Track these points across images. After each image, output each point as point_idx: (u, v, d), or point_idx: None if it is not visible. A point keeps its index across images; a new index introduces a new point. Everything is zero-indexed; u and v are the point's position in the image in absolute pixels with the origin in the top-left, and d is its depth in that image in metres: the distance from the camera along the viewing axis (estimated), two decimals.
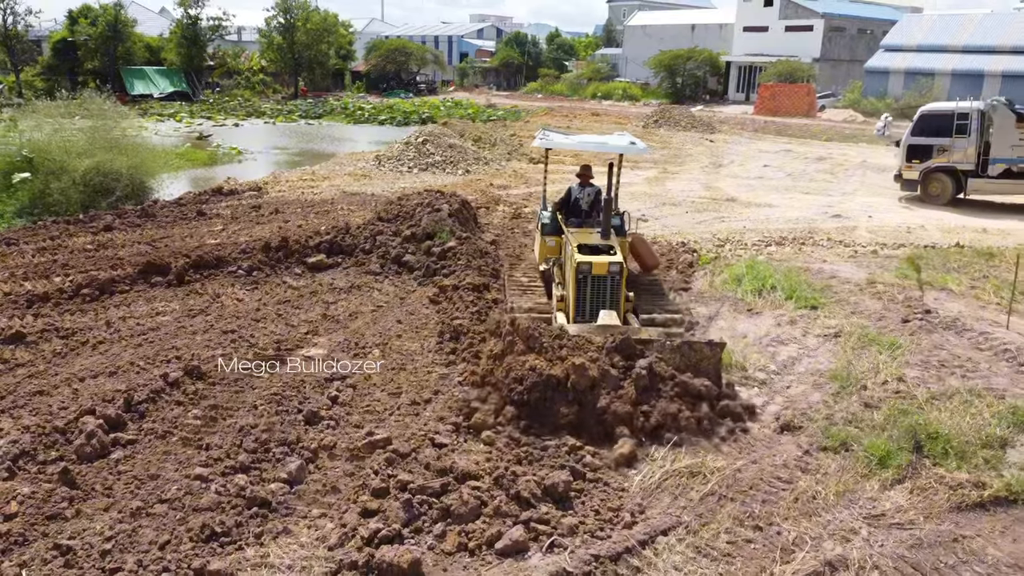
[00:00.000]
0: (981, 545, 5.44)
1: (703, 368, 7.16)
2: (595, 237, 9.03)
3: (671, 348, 7.18)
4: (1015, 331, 8.88)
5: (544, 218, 10.24)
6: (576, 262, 8.27)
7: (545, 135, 10.58)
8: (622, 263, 8.38)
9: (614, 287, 8.30)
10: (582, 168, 10.46)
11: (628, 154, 10.62)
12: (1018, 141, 17.11)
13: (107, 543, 5.11)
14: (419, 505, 5.59)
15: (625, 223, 10.16)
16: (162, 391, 7.25)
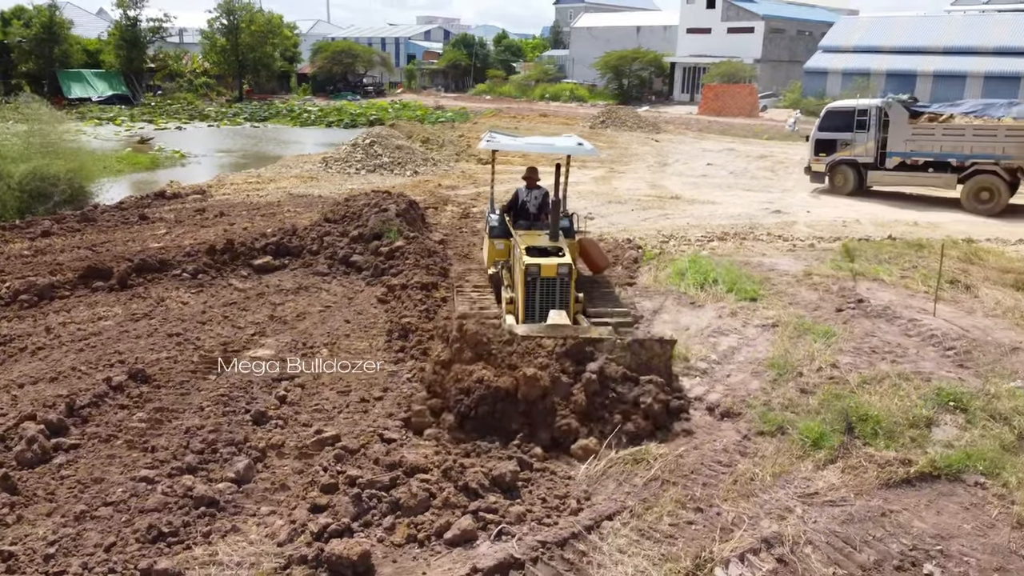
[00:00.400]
0: (907, 519, 5.72)
1: (654, 365, 7.15)
2: (544, 239, 8.96)
3: (621, 346, 7.13)
4: (941, 318, 9.29)
5: (492, 221, 10.10)
6: (524, 264, 8.20)
7: (492, 136, 10.45)
8: (571, 265, 8.34)
9: (563, 289, 8.24)
10: (528, 170, 10.37)
11: (575, 155, 10.40)
12: (911, 136, 18.25)
13: (50, 547, 5.06)
14: (368, 499, 5.65)
15: (574, 224, 10.09)
16: (105, 395, 7.16)
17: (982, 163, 17.30)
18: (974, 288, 10.28)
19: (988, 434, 6.73)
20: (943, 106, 19.41)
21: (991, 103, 18.87)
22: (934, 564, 5.23)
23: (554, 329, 7.34)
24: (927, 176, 18.30)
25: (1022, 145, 16.81)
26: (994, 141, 17.20)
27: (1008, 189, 17.19)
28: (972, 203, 17.55)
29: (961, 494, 6.05)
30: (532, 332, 7.23)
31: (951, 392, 7.31)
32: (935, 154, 18.01)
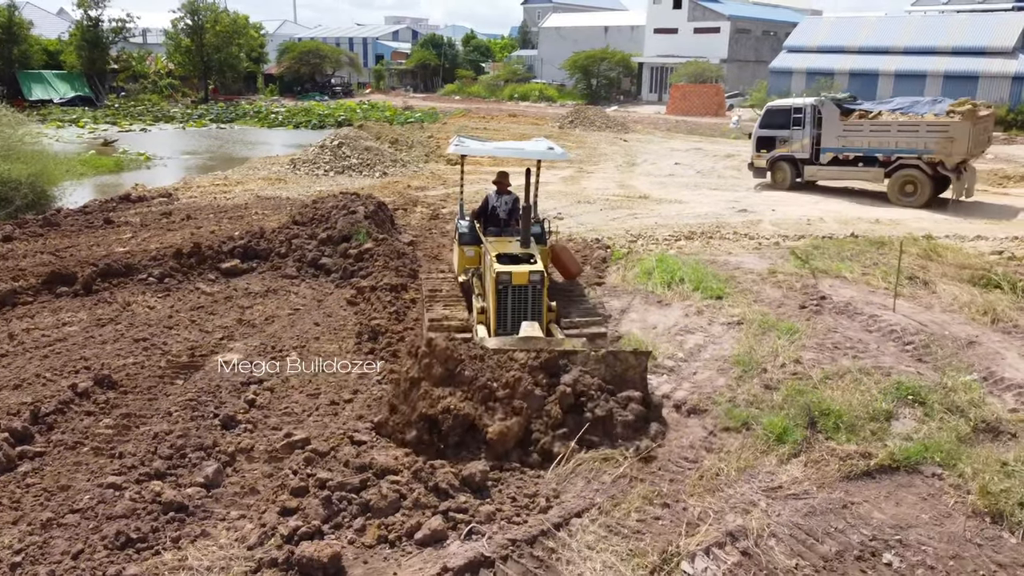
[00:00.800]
0: (868, 510, 5.87)
1: (629, 377, 7.00)
2: (515, 246, 8.72)
3: (596, 359, 6.97)
4: (900, 313, 9.51)
5: (462, 227, 9.86)
6: (495, 272, 7.95)
7: (460, 141, 10.12)
8: (543, 272, 8.09)
9: (535, 297, 7.99)
10: (498, 175, 10.13)
11: (546, 160, 10.12)
12: (842, 133, 19.15)
13: (16, 556, 5.03)
14: (338, 501, 5.67)
15: (545, 231, 9.88)
16: (71, 402, 7.11)
17: (906, 158, 18.13)
18: (932, 284, 10.53)
19: (945, 426, 6.91)
20: (874, 104, 20.37)
21: (918, 100, 19.82)
22: (893, 554, 5.38)
23: (527, 342, 7.13)
24: (857, 170, 19.17)
25: (941, 140, 17.55)
26: (916, 137, 17.97)
27: (930, 182, 17.94)
28: (897, 196, 18.41)
29: (919, 485, 6.22)
30: (504, 346, 7.02)
31: (910, 386, 7.49)
32: (864, 149, 18.91)
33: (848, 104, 19.92)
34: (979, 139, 18.29)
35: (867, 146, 18.83)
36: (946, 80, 45.89)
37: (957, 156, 17.44)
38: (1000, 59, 44.37)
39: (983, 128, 18.68)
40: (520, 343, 7.12)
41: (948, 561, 5.32)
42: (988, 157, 29.14)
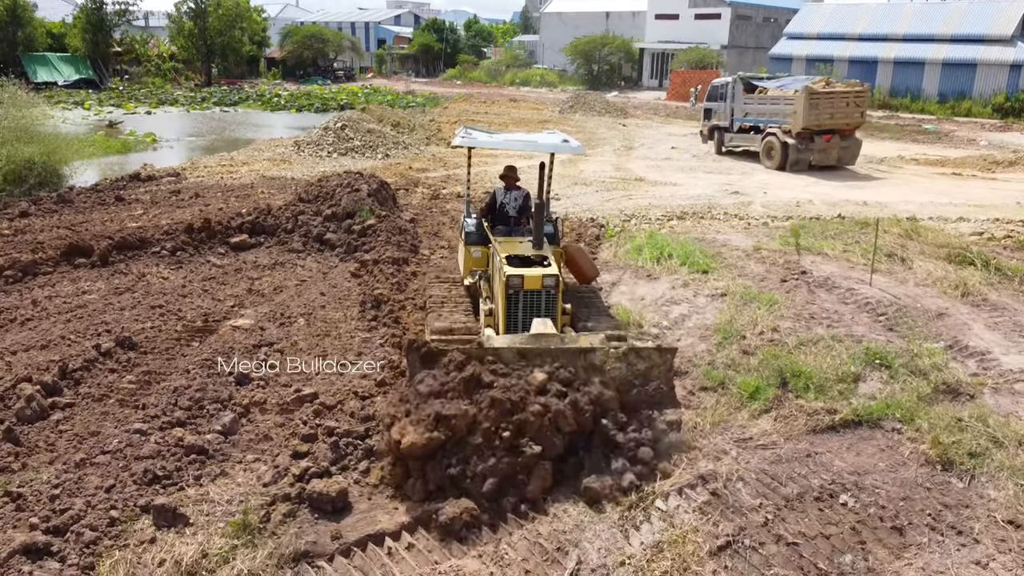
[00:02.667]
0: (829, 459, 6.41)
1: (652, 376, 6.41)
2: (526, 247, 7.99)
3: (615, 357, 6.34)
4: (876, 287, 10.02)
5: (468, 226, 9.08)
6: (506, 275, 7.27)
7: (467, 132, 9.01)
8: (558, 276, 7.43)
9: (549, 302, 7.35)
10: (507, 169, 9.18)
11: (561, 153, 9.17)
12: (743, 106, 23.19)
13: (55, 489, 5.56)
14: (345, 447, 6.21)
15: (558, 230, 9.12)
16: (95, 360, 7.64)
17: (770, 127, 21.84)
18: (909, 261, 11.03)
19: (907, 387, 7.43)
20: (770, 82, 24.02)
21: (798, 79, 23.71)
22: (849, 495, 5.92)
23: (538, 339, 6.46)
24: (750, 137, 22.97)
25: (790, 113, 20.99)
26: (778, 109, 21.60)
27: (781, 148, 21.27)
28: (764, 159, 22.09)
29: (879, 438, 6.76)
30: (514, 344, 6.38)
31: (877, 352, 8.01)
32: (752, 120, 22.86)
33: (755, 81, 23.87)
34: (833, 113, 20.95)
35: (755, 117, 22.76)
36: (944, 67, 46.22)
37: (797, 126, 20.74)
38: (998, 47, 44.63)
39: (836, 103, 21.02)
40: (532, 341, 6.43)
41: (899, 502, 5.86)
42: (982, 144, 29.64)
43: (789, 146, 20.98)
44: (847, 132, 21.45)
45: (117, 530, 5.18)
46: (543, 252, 7.90)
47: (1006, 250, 12.50)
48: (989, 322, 9.16)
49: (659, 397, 6.40)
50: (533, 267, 7.57)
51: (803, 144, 20.83)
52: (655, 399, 6.37)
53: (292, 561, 5.03)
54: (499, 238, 8.41)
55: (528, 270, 7.43)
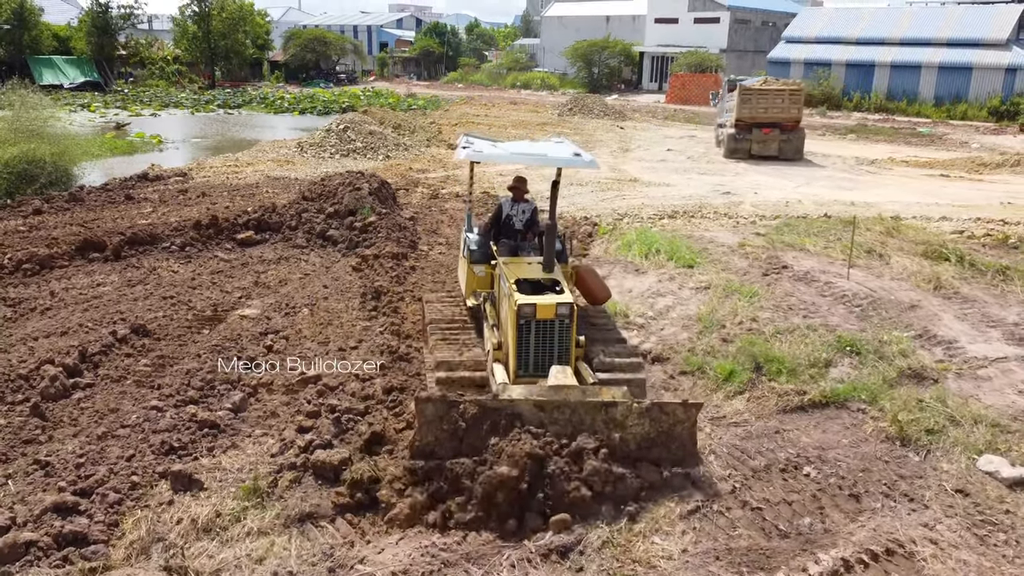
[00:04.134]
0: (796, 435, 6.90)
1: (676, 433, 6.07)
2: (536, 269, 7.44)
3: (638, 412, 5.99)
4: (854, 281, 10.51)
5: (471, 243, 8.44)
6: (517, 304, 6.72)
7: (469, 143, 8.10)
8: (572, 304, 6.88)
9: (563, 333, 6.83)
10: (516, 181, 8.51)
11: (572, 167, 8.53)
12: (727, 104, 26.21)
13: (80, 458, 6.06)
14: (346, 422, 6.70)
15: (566, 248, 8.54)
16: (112, 346, 8.15)
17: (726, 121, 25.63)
18: (887, 257, 11.52)
19: (875, 372, 7.92)
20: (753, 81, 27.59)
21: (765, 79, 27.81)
22: (812, 467, 6.40)
23: (558, 391, 6.13)
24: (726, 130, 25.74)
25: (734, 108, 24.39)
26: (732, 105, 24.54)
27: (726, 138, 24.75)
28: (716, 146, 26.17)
29: (844, 417, 7.25)
30: (531, 396, 6.04)
31: (848, 339, 8.50)
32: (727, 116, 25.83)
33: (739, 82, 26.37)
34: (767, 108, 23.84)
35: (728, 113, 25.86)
36: (940, 71, 46.71)
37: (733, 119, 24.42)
38: (994, 51, 45.12)
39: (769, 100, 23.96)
40: (551, 393, 6.12)
41: (858, 473, 6.34)
42: (974, 146, 30.11)
43: (728, 136, 24.52)
44: (789, 127, 24.07)
45: (138, 493, 5.68)
46: (554, 276, 7.35)
47: (984, 247, 12.98)
48: (959, 313, 9.65)
49: (681, 455, 6.08)
50: (545, 293, 7.04)
51: (740, 135, 24.18)
52: (676, 456, 6.06)
53: (298, 521, 5.52)
54: (505, 258, 7.81)
55: (540, 298, 6.87)
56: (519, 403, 5.97)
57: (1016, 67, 43.92)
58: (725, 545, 5.40)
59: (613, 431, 5.96)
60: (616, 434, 5.93)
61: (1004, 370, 8.27)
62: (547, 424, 5.95)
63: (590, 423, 6.00)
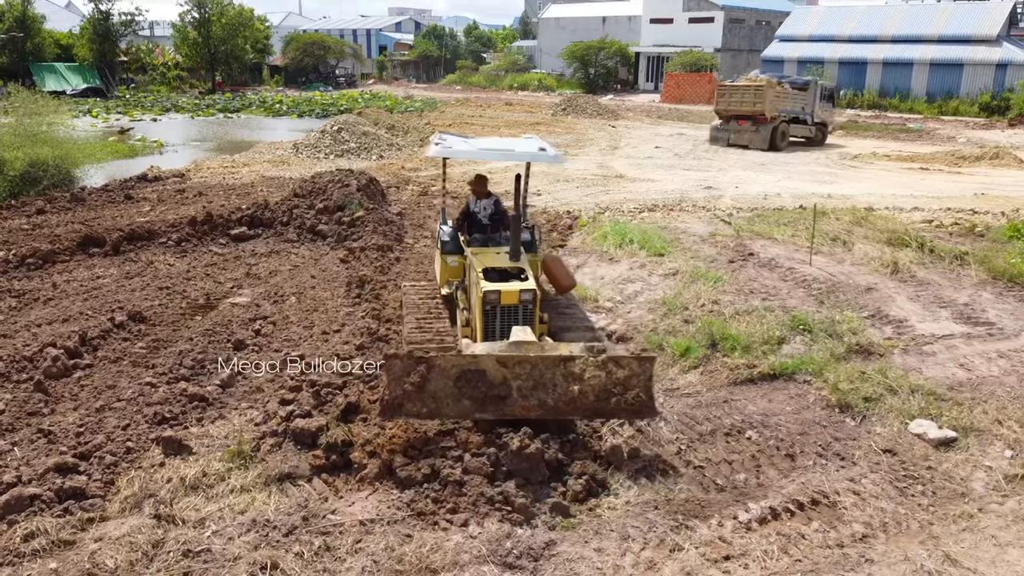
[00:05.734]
0: (743, 404, 7.44)
1: (631, 385, 6.43)
2: (503, 258, 7.90)
3: (595, 365, 6.39)
4: (816, 267, 11.04)
5: (444, 235, 9.03)
6: (483, 291, 7.23)
7: (442, 139, 8.99)
8: (535, 290, 7.38)
9: (527, 317, 7.36)
10: (475, 179, 9.23)
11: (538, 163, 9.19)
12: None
13: (80, 428, 6.61)
14: (325, 395, 7.25)
15: (536, 238, 8.98)
16: (111, 331, 8.71)
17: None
18: (850, 244, 12.04)
19: (824, 348, 8.45)
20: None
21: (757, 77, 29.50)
22: (754, 431, 6.94)
23: (518, 347, 6.48)
24: None
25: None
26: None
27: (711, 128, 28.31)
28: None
29: (791, 388, 7.78)
30: (493, 351, 6.42)
31: (802, 319, 9.03)
32: None
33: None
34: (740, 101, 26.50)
35: None
36: (932, 68, 47.21)
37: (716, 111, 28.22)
38: (984, 47, 45.62)
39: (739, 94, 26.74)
40: (511, 348, 6.47)
41: (796, 436, 6.87)
42: (960, 141, 30.60)
43: (712, 126, 28.19)
44: (761, 120, 26.29)
45: (133, 456, 6.24)
46: (520, 264, 7.80)
47: (952, 236, 13.48)
48: (912, 295, 10.17)
49: (638, 405, 6.45)
50: (510, 280, 7.51)
51: (721, 125, 27.64)
52: (633, 407, 6.46)
53: (277, 480, 6.06)
54: (475, 248, 8.36)
55: (505, 285, 7.35)
56: (482, 359, 6.30)
57: (1006, 63, 44.42)
58: (665, 497, 5.94)
59: (572, 384, 6.34)
60: (575, 387, 6.32)
61: (948, 346, 8.79)
62: (510, 379, 6.30)
63: (550, 377, 6.35)
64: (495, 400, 6.31)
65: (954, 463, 6.41)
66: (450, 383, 6.26)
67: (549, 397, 6.37)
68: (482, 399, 6.30)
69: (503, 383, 6.32)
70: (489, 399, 6.31)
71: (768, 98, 26.00)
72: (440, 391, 6.26)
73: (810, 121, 28.40)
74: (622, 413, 6.47)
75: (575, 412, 6.43)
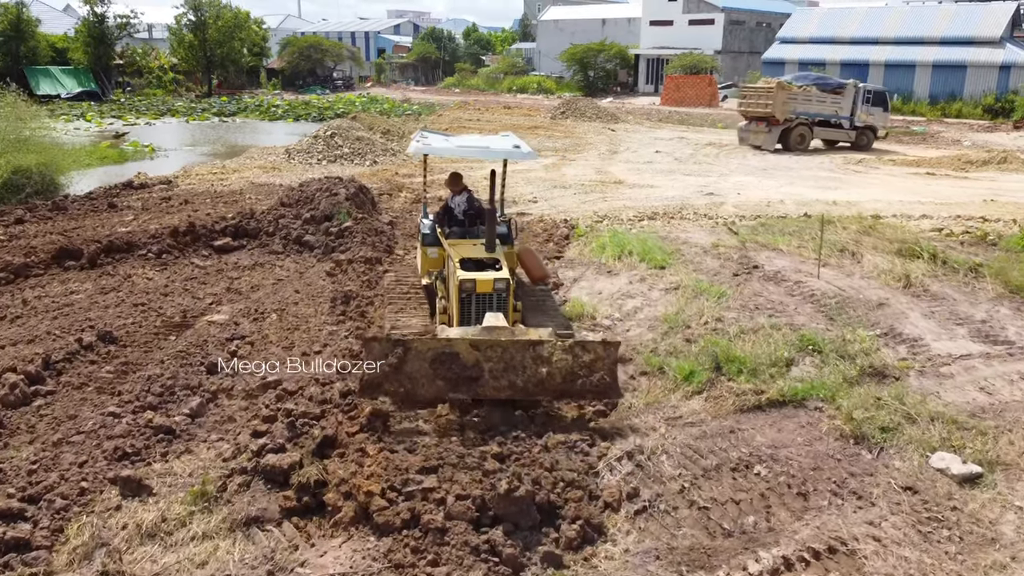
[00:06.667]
0: (751, 434, 6.92)
1: (597, 367, 6.79)
2: (480, 249, 8.37)
3: (562, 348, 6.76)
4: (824, 280, 10.53)
5: (424, 228, 9.45)
6: (459, 280, 7.66)
7: (423, 137, 9.61)
8: (508, 279, 7.85)
9: (501, 305, 7.76)
10: (450, 177, 9.85)
11: (513, 159, 9.64)
12: None
13: (32, 465, 6.09)
14: (301, 426, 6.73)
15: (512, 231, 9.52)
16: (77, 353, 8.19)
17: None
18: (859, 255, 11.54)
19: (835, 370, 7.94)
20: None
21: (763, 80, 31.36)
22: (763, 466, 6.42)
23: (490, 332, 6.85)
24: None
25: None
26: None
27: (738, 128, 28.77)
28: None
29: (801, 416, 7.26)
30: (467, 335, 6.78)
31: (811, 338, 8.52)
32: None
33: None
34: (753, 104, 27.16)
35: None
36: (935, 69, 46.75)
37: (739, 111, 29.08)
38: (987, 48, 45.17)
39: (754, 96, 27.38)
40: (484, 333, 6.83)
41: (809, 471, 6.36)
42: (966, 144, 30.11)
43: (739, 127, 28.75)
44: (774, 122, 26.57)
45: (86, 499, 5.71)
46: (495, 255, 8.27)
47: (963, 245, 12.99)
48: (926, 311, 9.67)
49: (603, 387, 6.83)
50: (485, 270, 7.97)
51: (745, 126, 27.96)
52: (599, 389, 6.82)
53: (243, 525, 5.55)
54: (453, 240, 8.82)
55: (480, 274, 7.80)
56: (456, 342, 6.71)
57: (1010, 64, 43.96)
58: (667, 544, 5.43)
59: (540, 367, 6.74)
60: (543, 369, 6.73)
61: (967, 367, 8.30)
62: (482, 362, 6.70)
63: (520, 360, 6.75)
64: (468, 381, 6.70)
65: (981, 503, 5.90)
66: (426, 365, 6.69)
67: (519, 379, 6.76)
68: (456, 380, 6.68)
69: (476, 365, 6.72)
70: (462, 380, 6.69)
71: (778, 100, 25.92)
72: (416, 372, 6.69)
73: (847, 125, 27.59)
74: (588, 395, 6.87)
75: (543, 393, 6.83)
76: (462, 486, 5.70)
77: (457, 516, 5.42)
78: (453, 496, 5.58)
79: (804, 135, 27.13)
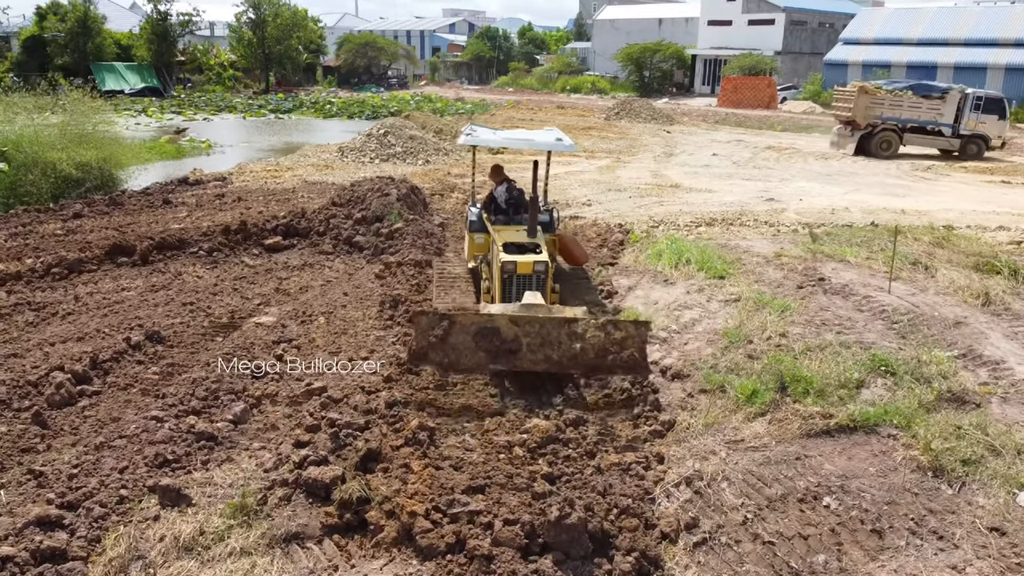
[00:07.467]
0: (819, 462, 6.46)
1: (627, 346, 7.20)
2: (522, 235, 9.02)
3: (595, 326, 7.19)
4: (895, 295, 9.94)
5: (471, 215, 10.20)
6: (501, 261, 8.32)
7: (472, 130, 10.32)
8: (547, 262, 8.44)
9: (540, 286, 8.35)
10: (492, 169, 10.61)
11: (555, 151, 10.35)
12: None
13: (73, 469, 5.99)
14: (344, 437, 6.52)
15: (554, 219, 10.21)
16: (125, 352, 8.13)
17: None
18: (933, 269, 10.89)
19: (910, 394, 7.41)
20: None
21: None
22: (833, 498, 5.97)
23: (528, 308, 7.39)
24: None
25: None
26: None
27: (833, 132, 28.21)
28: None
29: (874, 444, 6.76)
30: (507, 311, 7.36)
31: (883, 358, 7.98)
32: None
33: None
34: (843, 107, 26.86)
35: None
36: (1008, 72, 44.93)
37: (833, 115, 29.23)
38: None
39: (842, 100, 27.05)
40: (522, 310, 7.38)
41: (883, 506, 5.89)
42: None
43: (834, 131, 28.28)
44: (856, 126, 26.35)
45: (125, 507, 5.57)
46: (536, 240, 8.89)
47: None
48: (1008, 331, 9.03)
49: (632, 364, 7.23)
50: (526, 254, 8.54)
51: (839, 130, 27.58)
52: (628, 365, 7.23)
53: (283, 541, 5.34)
54: (497, 226, 9.48)
55: (521, 257, 8.42)
56: (497, 317, 7.23)
57: None
58: None
59: (574, 342, 7.19)
60: (577, 344, 7.17)
61: None
62: (520, 336, 7.19)
63: (556, 335, 7.21)
64: (507, 354, 7.19)
65: None
66: (469, 337, 7.17)
67: (554, 353, 7.24)
68: (496, 352, 7.17)
69: (515, 339, 7.20)
70: (502, 353, 7.18)
71: (859, 104, 25.54)
72: (460, 344, 7.17)
73: (950, 132, 25.95)
74: (618, 370, 7.29)
75: (576, 367, 7.31)
76: (510, 509, 5.41)
77: (505, 542, 5.13)
78: (501, 521, 5.29)
79: (891, 141, 25.96)
